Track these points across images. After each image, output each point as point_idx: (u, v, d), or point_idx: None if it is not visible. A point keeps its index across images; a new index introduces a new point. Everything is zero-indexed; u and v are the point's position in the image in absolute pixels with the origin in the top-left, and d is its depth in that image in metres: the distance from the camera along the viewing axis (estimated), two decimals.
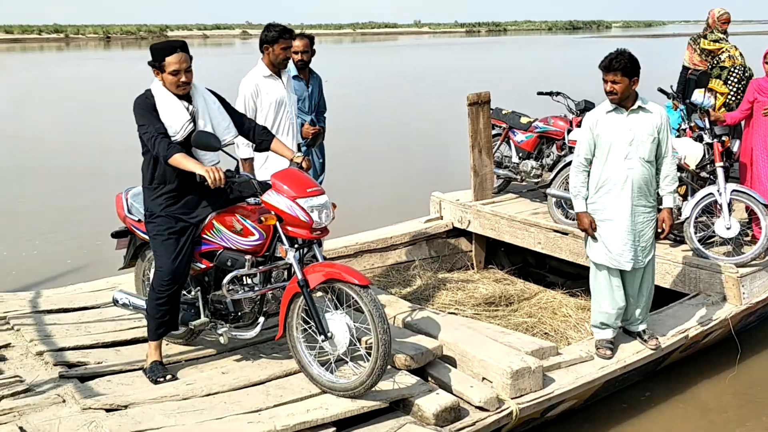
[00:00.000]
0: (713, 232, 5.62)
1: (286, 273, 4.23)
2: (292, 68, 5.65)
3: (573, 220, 6.37)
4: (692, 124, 5.92)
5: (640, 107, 4.44)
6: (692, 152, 5.79)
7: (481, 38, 67.68)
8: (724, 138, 5.67)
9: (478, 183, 7.09)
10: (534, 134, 7.08)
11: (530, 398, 4.19)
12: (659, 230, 4.56)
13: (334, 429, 3.75)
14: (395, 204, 9.23)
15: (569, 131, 6.75)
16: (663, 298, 5.52)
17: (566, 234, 6.25)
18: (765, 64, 5.64)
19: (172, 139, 4.00)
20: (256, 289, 4.14)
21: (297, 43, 5.53)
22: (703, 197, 5.56)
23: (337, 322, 3.87)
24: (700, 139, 5.81)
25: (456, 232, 7.26)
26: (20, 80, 30.03)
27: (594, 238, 4.58)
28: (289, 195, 3.94)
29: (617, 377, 4.73)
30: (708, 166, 5.78)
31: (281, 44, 5.10)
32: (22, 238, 8.85)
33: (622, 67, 4.29)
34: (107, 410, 3.72)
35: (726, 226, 5.47)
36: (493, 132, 7.24)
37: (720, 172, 5.53)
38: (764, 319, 5.95)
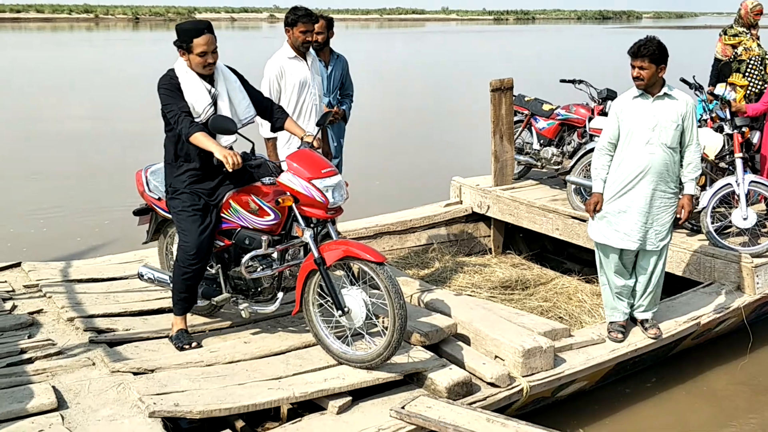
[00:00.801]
0: (730, 222, 5.67)
1: (302, 250, 4.36)
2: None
3: None
4: (713, 115, 5.95)
5: (665, 94, 4.52)
6: (712, 143, 5.83)
7: (509, 26, 67.13)
8: (744, 129, 5.70)
9: (499, 169, 7.18)
10: (556, 121, 7.14)
11: (541, 377, 4.31)
12: (678, 216, 4.64)
13: (350, 398, 3.90)
14: (415, 187, 9.34)
15: (591, 119, 6.81)
16: (677, 285, 5.59)
17: (584, 221, 6.31)
18: None
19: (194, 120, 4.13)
20: (274, 267, 4.26)
21: (306, 27, 5.51)
22: (721, 187, 5.61)
23: (354, 298, 4.00)
24: (720, 129, 5.85)
25: (475, 217, 7.36)
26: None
27: (592, 218, 4.71)
28: (305, 176, 4.05)
29: (628, 361, 4.83)
30: (727, 156, 5.82)
31: (300, 27, 5.18)
32: (49, 210, 9.10)
33: (649, 54, 4.38)
34: (134, 373, 3.90)
35: (743, 216, 5.52)
36: (515, 118, 7.31)
37: (739, 163, 5.57)
38: None
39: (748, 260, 5.39)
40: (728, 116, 5.76)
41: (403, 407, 3.77)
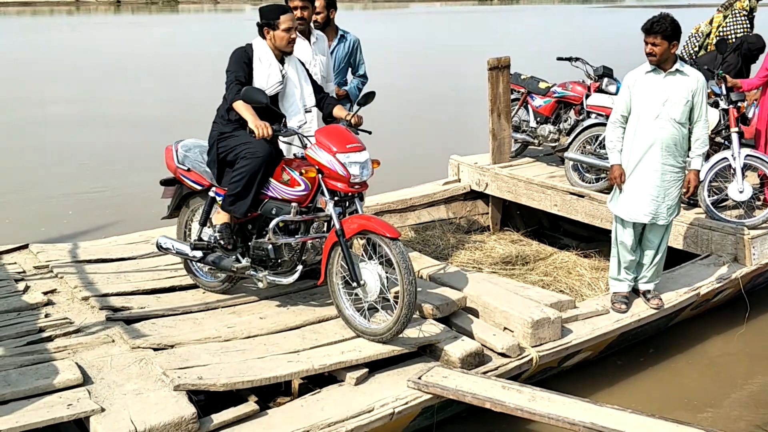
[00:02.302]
0: (726, 195, 5.81)
1: (326, 225, 4.45)
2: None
3: (590, 183, 6.58)
4: (709, 90, 6.05)
5: (677, 70, 4.62)
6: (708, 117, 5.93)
7: (494, 6, 67.00)
8: (739, 104, 5.82)
9: (497, 146, 7.26)
10: (552, 99, 7.22)
11: (549, 347, 4.43)
12: (684, 190, 4.76)
13: (367, 369, 4.00)
14: (414, 166, 9.40)
15: (587, 96, 6.91)
16: (676, 258, 5.72)
17: (582, 196, 6.44)
18: None
19: None
20: (298, 236, 4.38)
21: (297, 2, 5.44)
22: (718, 161, 5.74)
23: (370, 271, 4.10)
24: (716, 105, 5.96)
25: (473, 195, 7.46)
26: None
27: (620, 190, 4.79)
28: (330, 150, 4.17)
29: (631, 331, 4.96)
30: (723, 131, 5.95)
31: (293, 1, 5.22)
32: (49, 193, 9.10)
33: (662, 31, 4.48)
34: (155, 349, 3.97)
35: (739, 189, 5.64)
36: (512, 97, 7.39)
37: (735, 138, 5.69)
38: None
39: (744, 232, 5.54)
40: (724, 91, 5.88)
41: (419, 378, 3.87)
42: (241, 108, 4.29)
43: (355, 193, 4.28)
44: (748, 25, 7.16)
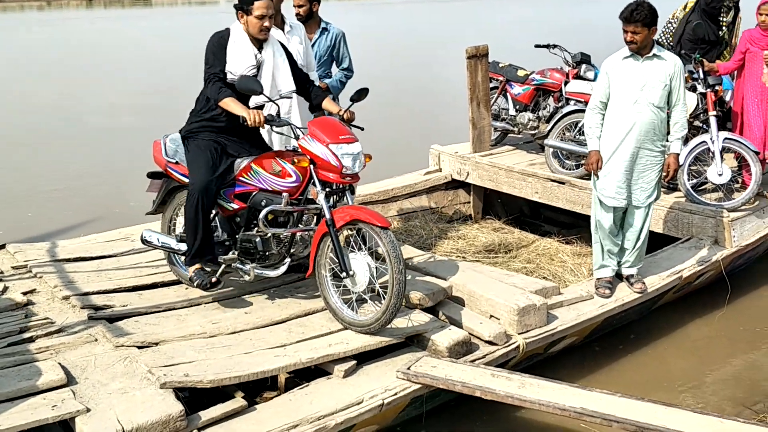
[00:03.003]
0: (705, 178, 5.86)
1: (315, 218, 4.43)
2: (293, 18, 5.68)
3: (570, 169, 6.60)
4: (686, 75, 6.09)
5: (655, 55, 4.64)
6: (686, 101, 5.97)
7: None
8: (717, 87, 5.87)
9: (477, 135, 7.26)
10: (531, 87, 7.24)
11: (535, 333, 4.44)
12: (664, 173, 4.78)
13: (355, 362, 3.98)
14: (395, 157, 9.37)
15: (566, 83, 6.93)
16: (657, 242, 5.76)
17: (563, 183, 6.46)
18: (759, 15, 5.79)
19: (229, 79, 4.34)
20: (287, 228, 4.36)
21: None
22: (697, 145, 5.78)
23: (359, 262, 4.09)
24: (693, 89, 6.00)
25: (454, 184, 7.45)
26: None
27: (597, 177, 4.81)
28: (323, 140, 4.17)
29: (615, 315, 4.99)
30: (701, 115, 5.99)
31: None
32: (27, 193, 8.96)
33: (642, 19, 4.48)
34: (139, 347, 3.92)
35: (718, 172, 5.70)
36: (491, 85, 7.38)
37: (713, 121, 5.74)
38: (753, 261, 6.24)
39: (724, 215, 5.59)
40: (701, 75, 5.92)
41: (409, 368, 3.86)
42: (230, 104, 4.24)
43: (346, 185, 4.27)
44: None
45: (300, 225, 4.40)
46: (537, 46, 7.41)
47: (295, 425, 3.47)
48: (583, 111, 6.36)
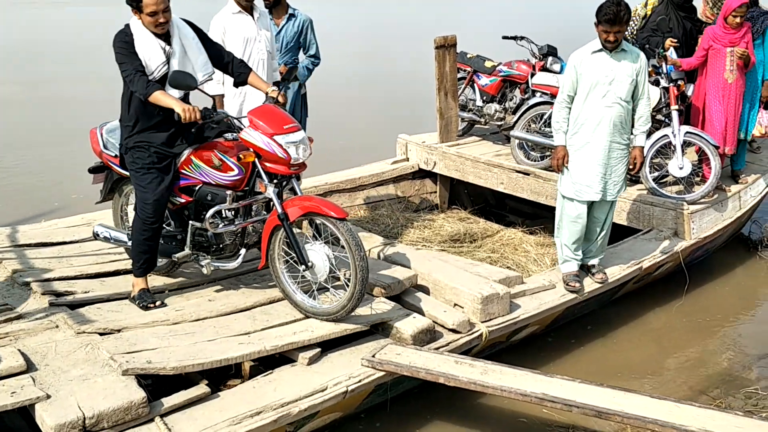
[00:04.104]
0: (667, 171, 5.97)
1: (265, 206, 4.38)
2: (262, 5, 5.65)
3: (535, 161, 6.67)
4: (650, 69, 6.18)
5: (623, 49, 4.67)
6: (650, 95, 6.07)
7: None
8: (679, 82, 5.97)
9: (444, 125, 7.29)
10: (498, 78, 7.28)
11: (498, 322, 4.50)
12: (631, 166, 4.84)
13: (319, 349, 3.99)
14: (362, 146, 9.38)
15: (533, 75, 6.98)
16: (619, 233, 5.86)
17: (528, 174, 6.54)
18: (732, 16, 5.81)
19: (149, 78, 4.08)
20: (237, 222, 4.26)
21: None
22: (659, 138, 5.89)
23: (317, 253, 4.05)
24: (657, 83, 6.10)
25: (421, 174, 7.48)
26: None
27: (562, 173, 4.84)
28: (266, 132, 4.04)
29: (577, 305, 5.08)
30: (664, 109, 6.09)
31: None
32: None
33: (627, 19, 4.51)
34: (101, 334, 3.88)
35: (679, 166, 5.81)
36: (459, 76, 7.42)
37: (675, 115, 5.85)
38: (711, 253, 6.39)
39: (684, 207, 5.71)
40: (665, 70, 6.02)
41: (373, 355, 3.89)
42: (160, 98, 3.99)
43: (294, 174, 4.19)
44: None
45: (250, 216, 4.32)
46: (504, 37, 7.45)
47: (258, 412, 3.47)
48: (549, 103, 6.43)
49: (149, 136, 4.21)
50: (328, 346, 4.08)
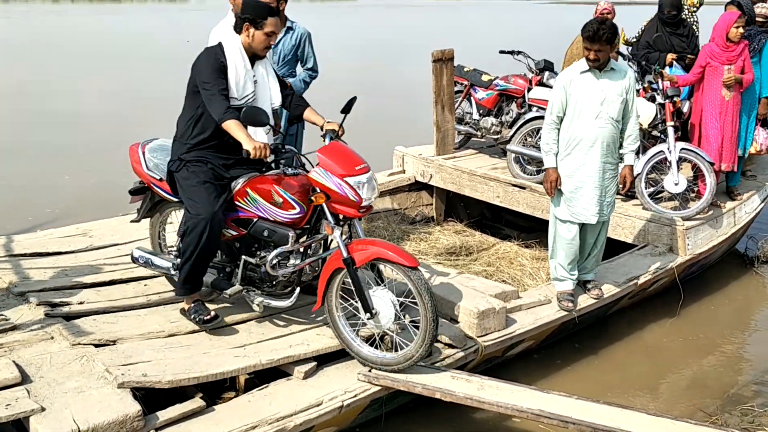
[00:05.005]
0: (662, 187, 6.00)
1: (322, 244, 4.22)
2: None
3: (531, 175, 6.69)
4: (645, 85, 6.23)
5: (612, 68, 4.66)
6: (645, 112, 6.11)
7: (440, 1, 67.34)
8: (675, 99, 6.01)
9: (440, 138, 7.31)
10: (494, 92, 7.31)
11: (494, 337, 4.49)
12: (620, 185, 4.84)
13: (315, 363, 3.98)
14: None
15: (529, 89, 7.01)
16: (614, 248, 5.88)
17: (524, 188, 6.55)
18: (734, 28, 5.83)
19: (231, 104, 3.97)
20: (297, 262, 4.07)
21: None
22: (654, 154, 5.92)
23: (381, 299, 3.87)
24: (652, 99, 6.14)
25: (417, 186, 7.49)
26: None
27: (554, 196, 4.81)
28: (338, 173, 3.86)
29: (572, 320, 5.08)
30: (659, 125, 6.13)
31: None
32: None
33: (607, 38, 4.47)
34: (96, 345, 3.86)
35: (674, 182, 5.84)
36: (455, 89, 7.44)
37: (670, 131, 5.88)
38: (705, 268, 6.41)
39: (679, 223, 5.73)
40: (660, 86, 6.05)
41: (370, 370, 3.88)
42: (233, 129, 3.85)
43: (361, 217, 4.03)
44: (697, 20, 7.24)
45: (307, 255, 4.14)
46: (501, 52, 7.49)
47: (254, 426, 3.46)
48: (545, 117, 6.45)
49: (208, 154, 4.10)
50: (324, 359, 4.07)
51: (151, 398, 3.72)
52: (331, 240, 4.16)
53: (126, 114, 12.97)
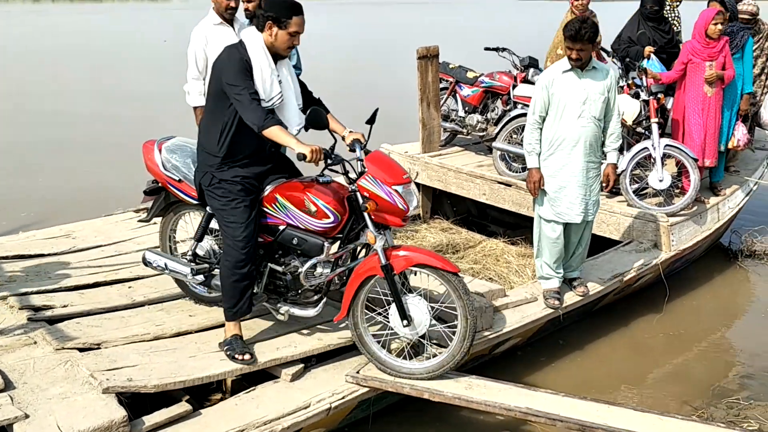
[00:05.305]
0: (647, 184, 6.02)
1: (350, 255, 4.15)
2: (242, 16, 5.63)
3: (516, 172, 6.69)
4: (630, 82, 6.25)
5: (593, 67, 4.64)
6: (629, 108, 6.12)
7: None
8: (659, 95, 6.03)
9: (426, 136, 7.30)
10: (480, 89, 7.31)
11: (482, 335, 4.49)
12: (603, 184, 4.83)
13: (303, 365, 3.96)
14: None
15: (514, 86, 7.02)
16: (599, 245, 5.90)
17: (510, 185, 6.56)
18: (712, 24, 5.87)
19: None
20: (327, 272, 4.00)
21: None
22: (639, 151, 5.94)
23: (417, 307, 3.84)
24: (636, 96, 6.16)
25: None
26: None
27: (537, 195, 4.80)
28: (387, 181, 3.80)
29: (558, 317, 5.09)
30: (644, 122, 6.15)
31: None
32: None
33: (588, 37, 4.44)
34: (80, 350, 3.81)
35: (659, 178, 5.86)
36: (441, 86, 7.43)
37: (654, 128, 5.90)
38: (690, 263, 6.45)
39: (664, 219, 5.76)
40: (645, 83, 6.07)
41: (358, 371, 3.86)
42: (278, 134, 3.67)
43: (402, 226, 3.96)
44: (678, 15, 7.25)
45: (337, 265, 4.05)
46: (486, 48, 7.48)
47: (241, 430, 3.44)
48: None
49: (241, 171, 3.90)
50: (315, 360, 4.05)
51: (138, 403, 3.68)
52: (359, 251, 4.13)
53: (103, 113, 12.83)
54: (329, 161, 3.82)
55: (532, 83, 6.92)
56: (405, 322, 3.83)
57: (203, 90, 5.18)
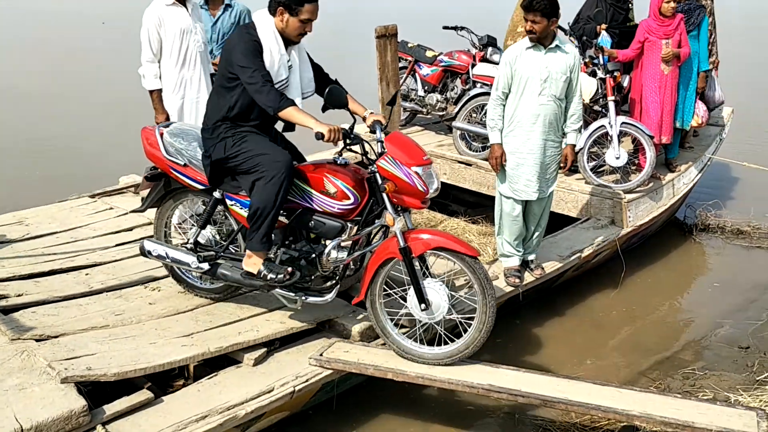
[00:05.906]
0: (604, 161, 6.10)
1: (366, 238, 4.10)
2: None
3: (477, 151, 6.72)
4: (587, 60, 6.30)
5: (557, 46, 4.64)
6: (586, 86, 6.17)
7: None
8: (616, 73, 6.09)
9: (386, 115, 7.26)
10: (439, 68, 7.31)
11: None
12: (562, 164, 4.87)
13: (265, 349, 3.95)
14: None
15: (473, 65, 7.03)
16: (557, 222, 5.98)
17: (470, 165, 6.59)
18: (664, 5, 5.96)
19: None
20: (343, 257, 3.94)
21: None
22: (596, 129, 6.01)
23: (436, 291, 3.82)
24: (593, 74, 6.21)
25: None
26: None
27: (500, 171, 4.84)
28: (407, 162, 3.77)
29: (517, 296, 5.15)
30: (600, 99, 6.21)
31: None
32: None
33: (541, 9, 4.43)
34: (37, 340, 3.74)
35: (615, 155, 5.94)
36: (400, 65, 7.41)
37: (611, 106, 5.97)
38: (646, 238, 6.58)
39: (620, 196, 5.86)
40: (602, 61, 6.13)
41: (321, 354, 3.87)
42: (295, 115, 3.69)
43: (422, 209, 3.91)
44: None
45: (354, 249, 4.00)
46: (445, 27, 7.46)
47: (204, 416, 3.41)
48: (489, 94, 6.46)
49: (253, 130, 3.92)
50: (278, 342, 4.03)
51: (98, 392, 3.64)
52: (374, 235, 4.09)
53: (38, 98, 12.45)
54: (348, 141, 3.79)
55: (491, 62, 6.95)
56: (423, 306, 3.81)
57: (158, 72, 5.08)
